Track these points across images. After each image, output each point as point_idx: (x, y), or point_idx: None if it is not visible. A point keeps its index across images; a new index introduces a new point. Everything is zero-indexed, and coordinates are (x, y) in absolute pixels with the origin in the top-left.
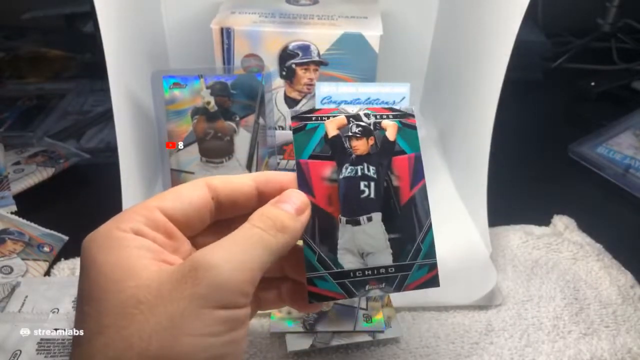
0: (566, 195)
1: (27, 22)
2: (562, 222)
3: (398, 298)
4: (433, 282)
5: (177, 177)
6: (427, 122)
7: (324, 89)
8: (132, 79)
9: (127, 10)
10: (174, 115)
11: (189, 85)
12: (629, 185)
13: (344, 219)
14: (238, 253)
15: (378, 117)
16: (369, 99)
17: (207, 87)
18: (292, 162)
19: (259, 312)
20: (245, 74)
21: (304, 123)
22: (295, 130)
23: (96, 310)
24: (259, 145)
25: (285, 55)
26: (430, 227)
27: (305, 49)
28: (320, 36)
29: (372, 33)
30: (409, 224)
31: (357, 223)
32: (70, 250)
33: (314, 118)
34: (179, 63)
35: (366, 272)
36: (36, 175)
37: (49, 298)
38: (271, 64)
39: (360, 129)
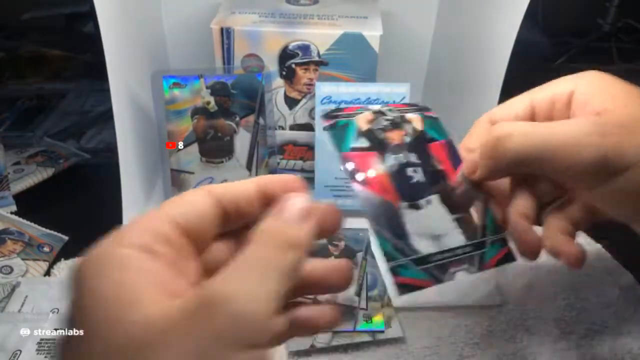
0: None
1: (27, 22)
2: None
3: (398, 298)
4: (509, 257)
5: (177, 177)
6: None
7: (324, 89)
8: (132, 79)
9: (127, 11)
10: (174, 115)
11: (189, 85)
12: None
13: (404, 204)
14: (252, 283)
15: (401, 111)
16: (369, 98)
17: (207, 87)
18: (293, 162)
19: None
20: (245, 74)
21: (335, 120)
22: (329, 128)
23: (88, 354)
24: (259, 145)
25: (285, 55)
26: (486, 203)
27: (305, 48)
28: (320, 36)
29: (372, 33)
30: (465, 203)
31: (418, 207)
32: (70, 250)
33: (342, 116)
34: (179, 63)
35: (445, 254)
36: (36, 175)
37: (49, 298)
38: (271, 64)
39: (389, 121)
